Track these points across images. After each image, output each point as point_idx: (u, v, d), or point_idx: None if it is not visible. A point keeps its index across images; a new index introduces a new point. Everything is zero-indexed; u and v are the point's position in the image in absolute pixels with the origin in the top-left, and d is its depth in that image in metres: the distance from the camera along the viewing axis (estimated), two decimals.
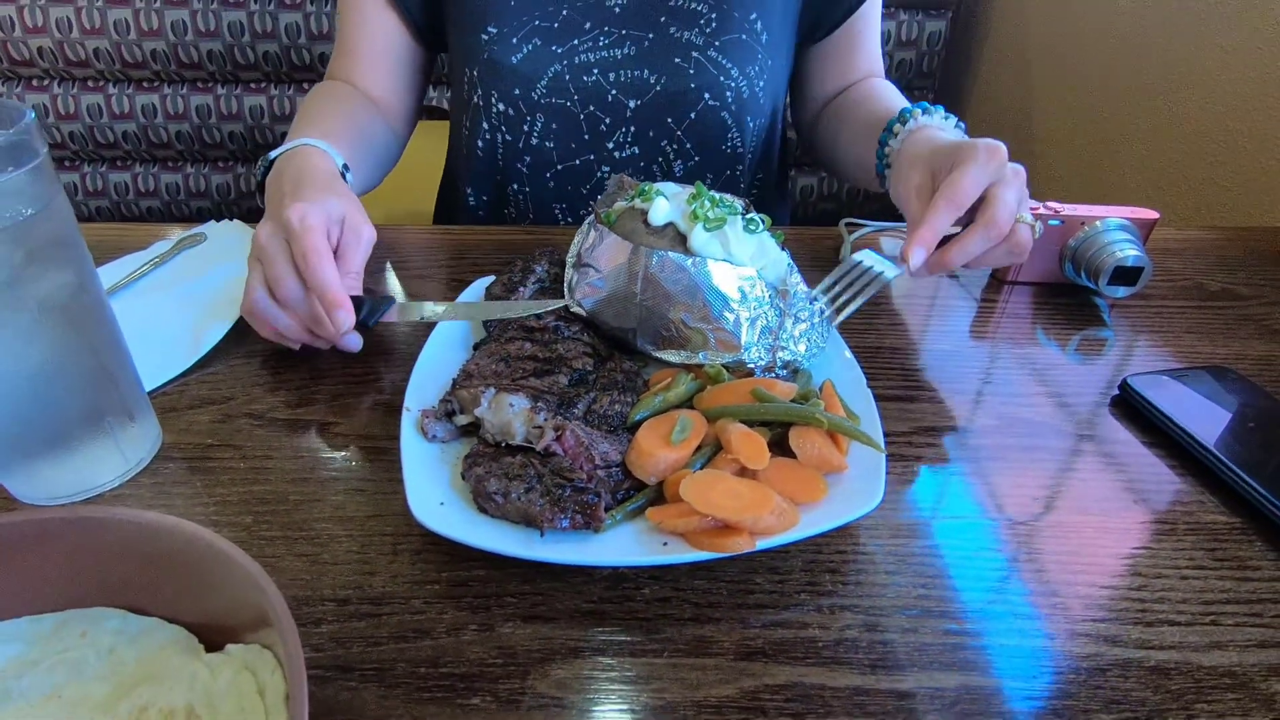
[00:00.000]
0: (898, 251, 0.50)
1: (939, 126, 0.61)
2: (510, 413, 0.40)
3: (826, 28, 0.79)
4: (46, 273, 0.37)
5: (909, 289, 0.65)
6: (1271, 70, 0.86)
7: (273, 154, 0.59)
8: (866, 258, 0.50)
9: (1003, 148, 0.51)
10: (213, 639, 0.32)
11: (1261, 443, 0.47)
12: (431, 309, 0.50)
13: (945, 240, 0.51)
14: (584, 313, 0.50)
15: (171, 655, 0.31)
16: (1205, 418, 0.48)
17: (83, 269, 0.39)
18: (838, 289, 0.48)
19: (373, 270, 0.65)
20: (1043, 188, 1.31)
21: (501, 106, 0.74)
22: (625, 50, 0.72)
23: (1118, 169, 1.13)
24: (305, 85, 1.47)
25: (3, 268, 0.35)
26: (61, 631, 0.32)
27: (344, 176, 0.59)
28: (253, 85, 1.46)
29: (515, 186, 0.79)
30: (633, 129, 0.75)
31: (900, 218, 0.76)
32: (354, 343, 0.51)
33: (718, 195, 0.49)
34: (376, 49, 0.76)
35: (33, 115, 0.35)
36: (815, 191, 1.60)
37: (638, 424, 0.43)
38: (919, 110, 0.62)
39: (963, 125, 0.62)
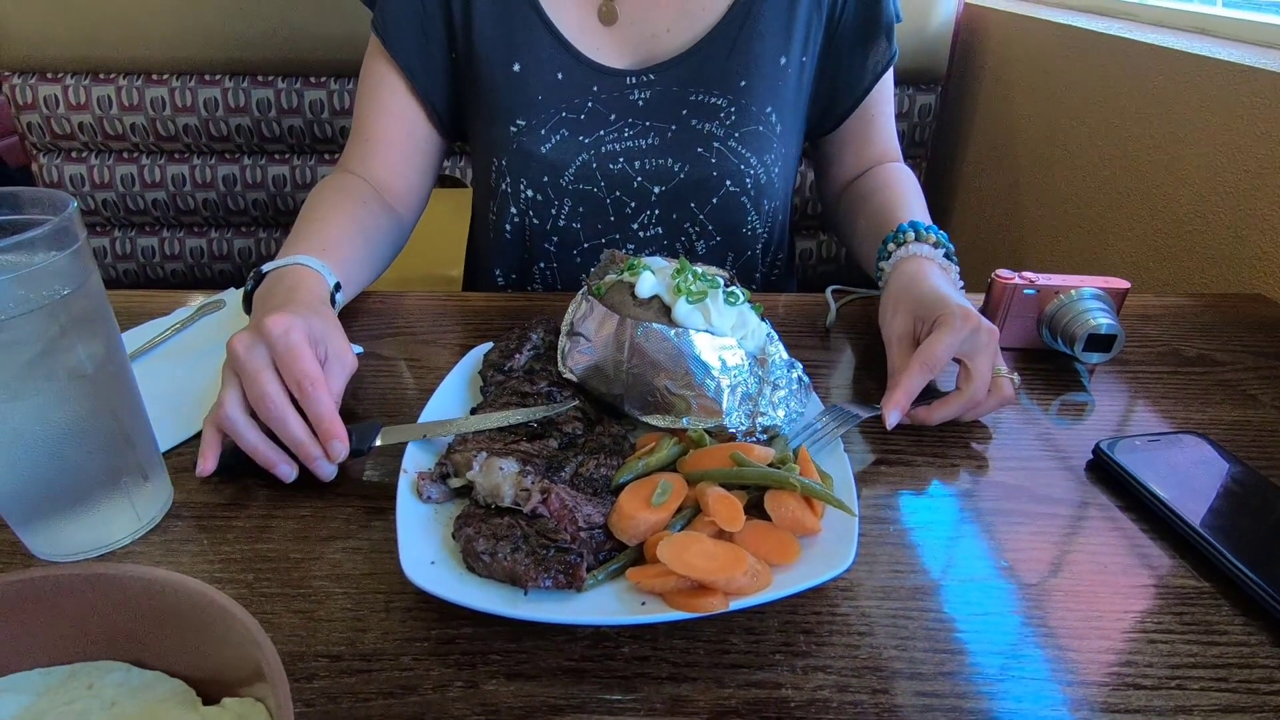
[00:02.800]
0: (868, 405, 0.56)
1: (928, 256, 0.64)
2: (500, 476, 0.42)
3: (835, 119, 0.84)
4: (77, 344, 0.40)
5: None
6: (1244, 148, 0.90)
7: (265, 268, 0.59)
8: (839, 410, 0.54)
9: (974, 313, 0.55)
10: (210, 692, 0.33)
11: (1230, 509, 0.48)
12: (417, 429, 0.49)
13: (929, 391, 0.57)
14: (575, 379, 0.53)
15: (170, 707, 0.33)
16: (1175, 483, 0.50)
17: (110, 340, 0.43)
18: (816, 428, 0.52)
19: (379, 335, 0.68)
20: (1028, 256, 1.35)
21: (530, 193, 0.78)
22: (649, 140, 0.77)
23: (1101, 238, 1.16)
24: (326, 156, 1.55)
25: (39, 340, 0.38)
26: (70, 683, 0.34)
27: (334, 298, 0.60)
28: (277, 156, 1.55)
29: (543, 265, 0.83)
30: (657, 212, 0.79)
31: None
32: (330, 471, 0.48)
33: (700, 269, 0.53)
34: (396, 137, 0.78)
35: (75, 205, 0.39)
36: (814, 254, 1.65)
37: (622, 486, 0.45)
38: (912, 233, 0.65)
39: (952, 249, 0.65)
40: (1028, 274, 0.66)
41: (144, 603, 0.34)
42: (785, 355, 0.53)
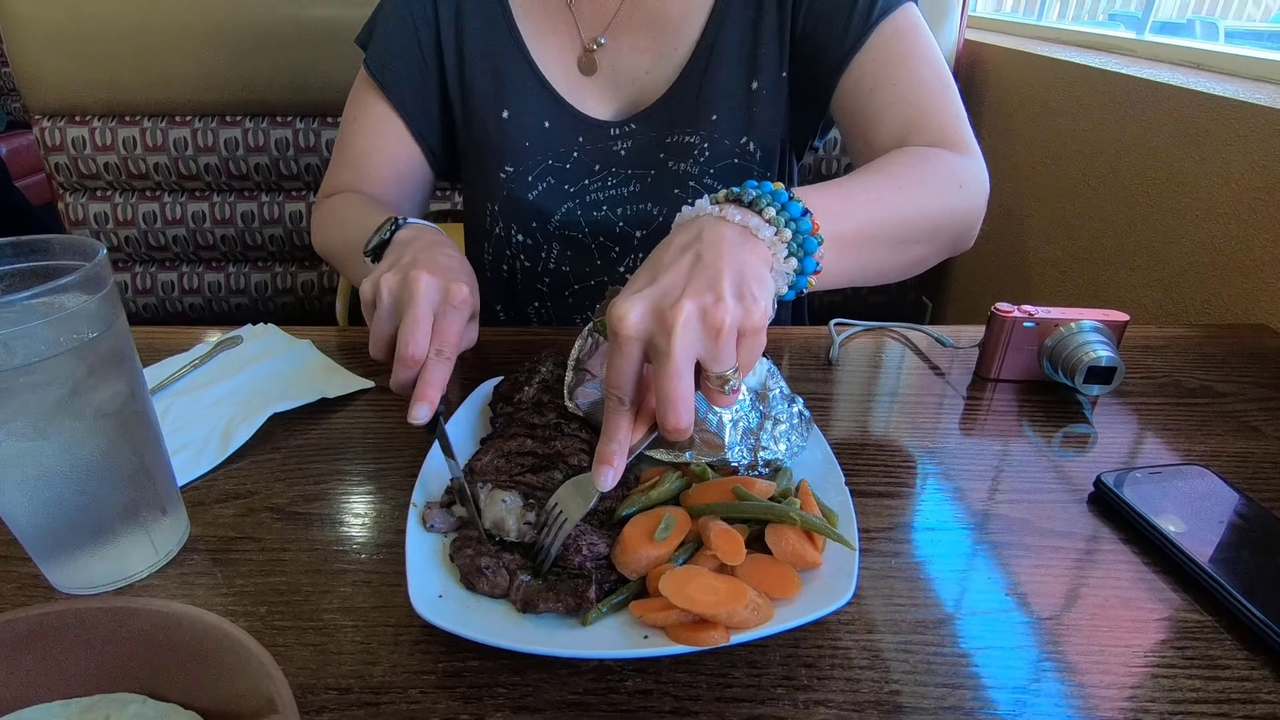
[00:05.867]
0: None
1: (710, 214, 0.44)
2: (503, 509, 0.43)
3: (821, 104, 0.75)
4: (103, 383, 0.42)
5: (892, 388, 0.68)
6: (1243, 180, 0.91)
7: (395, 233, 0.60)
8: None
9: (627, 313, 0.39)
10: None
11: (1232, 542, 0.48)
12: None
13: None
14: (580, 413, 0.54)
15: None
16: (1178, 516, 0.50)
17: (134, 379, 0.44)
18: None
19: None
20: (1028, 290, 1.36)
21: (521, 237, 0.80)
22: (631, 188, 0.78)
23: (1103, 271, 1.17)
24: None
25: (67, 381, 0.40)
26: (87, 716, 0.35)
27: None
28: (294, 193, 1.59)
29: (537, 304, 0.85)
30: (640, 254, 0.80)
31: (889, 317, 0.81)
32: (413, 416, 0.47)
33: None
34: (389, 175, 0.79)
35: (104, 251, 0.41)
36: None
37: (625, 519, 0.46)
38: (727, 193, 0.45)
39: (782, 204, 0.44)
40: (1028, 307, 0.67)
41: (161, 635, 0.35)
42: (786, 390, 0.54)
